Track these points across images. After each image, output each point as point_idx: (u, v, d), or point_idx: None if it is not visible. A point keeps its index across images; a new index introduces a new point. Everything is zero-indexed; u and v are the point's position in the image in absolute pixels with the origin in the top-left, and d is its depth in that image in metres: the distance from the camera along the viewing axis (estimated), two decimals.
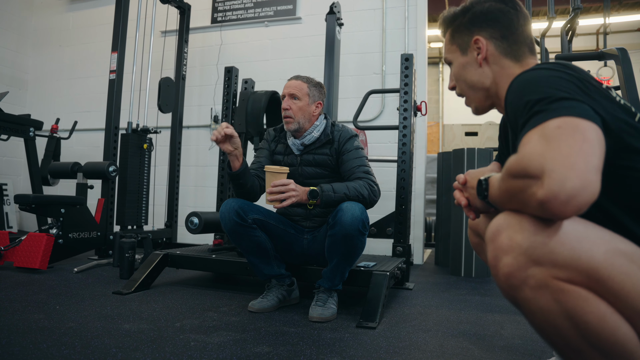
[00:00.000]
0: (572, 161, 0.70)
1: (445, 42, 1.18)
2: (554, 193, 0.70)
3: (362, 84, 4.04)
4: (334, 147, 2.09)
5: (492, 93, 1.10)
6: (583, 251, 0.75)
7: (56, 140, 4.11)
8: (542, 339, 0.83)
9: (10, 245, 2.76)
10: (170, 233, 3.94)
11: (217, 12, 4.63)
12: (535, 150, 0.74)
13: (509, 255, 0.78)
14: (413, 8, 4.03)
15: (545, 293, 0.76)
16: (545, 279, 0.76)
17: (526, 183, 0.75)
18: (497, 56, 1.08)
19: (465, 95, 1.16)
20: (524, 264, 0.77)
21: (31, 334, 1.48)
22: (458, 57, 1.14)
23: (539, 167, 0.72)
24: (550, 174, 0.70)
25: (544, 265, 0.76)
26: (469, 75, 1.12)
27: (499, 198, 0.86)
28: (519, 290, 0.79)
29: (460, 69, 1.14)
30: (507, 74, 1.06)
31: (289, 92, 2.09)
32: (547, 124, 0.76)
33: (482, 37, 1.08)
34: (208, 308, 1.98)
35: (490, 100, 1.12)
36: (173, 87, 3.87)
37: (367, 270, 2.07)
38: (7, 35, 5.21)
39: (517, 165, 0.77)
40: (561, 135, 0.73)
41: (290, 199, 1.80)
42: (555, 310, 0.76)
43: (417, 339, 1.63)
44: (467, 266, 3.22)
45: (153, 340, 1.48)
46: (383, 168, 3.70)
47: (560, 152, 0.71)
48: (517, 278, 0.78)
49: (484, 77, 1.10)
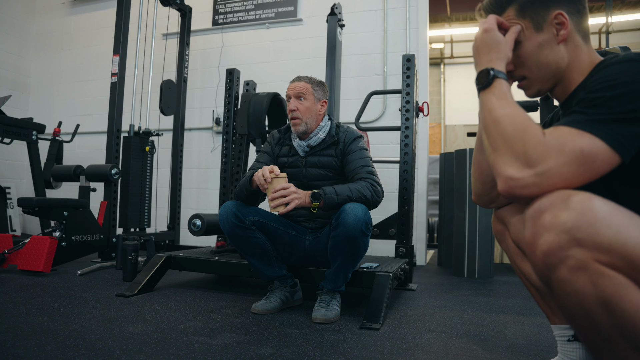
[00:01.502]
0: (563, 185, 0.80)
1: (508, 17, 1.02)
2: (520, 184, 0.83)
3: (363, 85, 4.04)
4: (339, 148, 2.08)
5: (561, 74, 1.00)
6: (630, 237, 0.73)
7: (58, 144, 4.12)
8: (569, 322, 0.80)
9: (14, 248, 2.77)
10: (173, 235, 3.94)
11: (218, 14, 4.64)
12: (552, 149, 0.81)
13: (550, 232, 0.76)
14: (414, 9, 4.03)
15: (583, 275, 0.73)
16: (585, 260, 0.73)
17: (519, 155, 0.84)
18: (573, 34, 0.98)
19: (529, 76, 1.03)
20: (566, 242, 0.74)
21: (35, 336, 1.49)
22: (531, 34, 0.99)
23: (537, 160, 0.81)
24: (536, 177, 0.81)
25: (586, 247, 0.73)
26: (544, 55, 0.99)
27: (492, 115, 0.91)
28: (556, 269, 0.76)
29: (534, 48, 0.99)
30: (580, 54, 0.99)
31: (294, 93, 2.07)
32: (581, 137, 0.81)
33: (564, 11, 0.97)
34: (211, 310, 1.98)
35: (554, 82, 1.02)
36: (175, 89, 3.87)
37: (370, 271, 2.07)
38: (9, 39, 5.23)
39: (529, 146, 0.83)
40: (576, 158, 0.80)
41: (293, 202, 1.79)
42: (591, 294, 0.73)
43: (420, 339, 1.63)
44: (470, 267, 3.21)
45: (157, 342, 1.48)
46: (385, 169, 3.70)
47: (561, 170, 0.80)
48: (556, 257, 0.75)
49: (560, 58, 0.99)
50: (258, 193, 1.97)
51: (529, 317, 2.01)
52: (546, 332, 1.76)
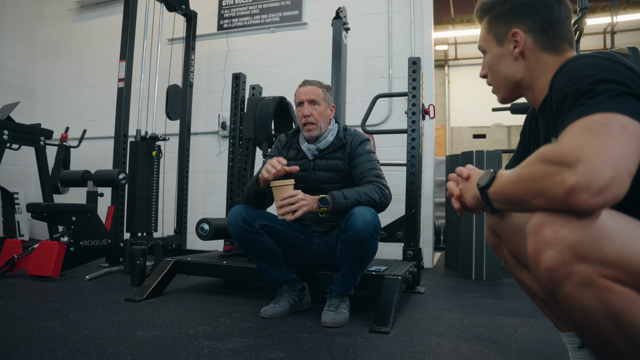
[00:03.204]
0: (610, 160, 0.70)
1: (481, 29, 1.12)
2: (586, 182, 0.69)
3: (369, 88, 4.05)
4: (347, 151, 2.09)
5: (523, 86, 1.06)
6: (636, 250, 0.72)
7: (66, 149, 4.15)
8: (579, 336, 0.80)
9: (23, 254, 2.79)
10: (180, 240, 3.95)
11: (223, 19, 4.66)
12: (577, 141, 0.73)
13: (553, 248, 0.75)
14: (419, 11, 4.04)
15: (589, 291, 0.72)
16: (590, 276, 0.72)
17: (557, 169, 0.73)
18: (534, 50, 1.03)
19: (493, 85, 1.12)
20: (569, 258, 0.73)
21: (47, 341, 1.49)
22: (493, 47, 1.09)
23: (576, 157, 0.72)
24: (586, 165, 0.70)
25: (590, 262, 0.72)
26: (501, 68, 1.08)
27: (510, 187, 0.84)
28: (561, 286, 0.75)
29: (494, 60, 1.09)
30: (545, 68, 1.02)
31: (308, 98, 2.07)
32: (594, 118, 0.75)
33: (521, 30, 1.03)
34: (220, 314, 1.98)
35: (519, 92, 1.09)
36: (181, 94, 3.89)
37: (379, 274, 2.07)
38: (18, 46, 5.28)
39: (554, 151, 0.76)
40: (606, 132, 0.72)
41: (301, 209, 1.79)
42: (599, 309, 0.72)
43: (430, 343, 1.62)
44: (477, 269, 3.20)
45: (167, 347, 1.49)
46: (392, 172, 3.70)
47: (602, 148, 0.71)
48: (560, 273, 0.74)
49: (516, 71, 1.05)
50: (265, 195, 1.98)
51: (538, 320, 2.00)
52: (557, 335, 1.75)
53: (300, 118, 2.08)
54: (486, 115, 5.63)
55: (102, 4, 5.23)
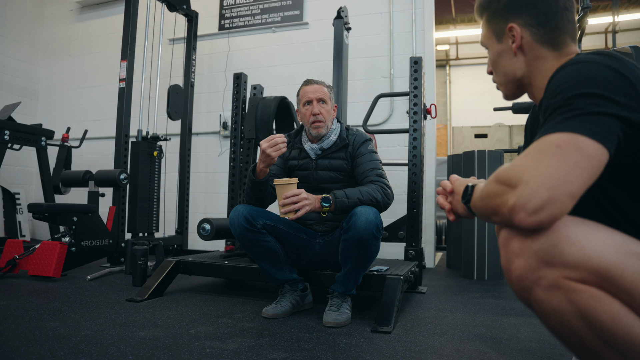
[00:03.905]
0: (550, 182, 0.74)
1: (482, 27, 1.13)
2: (522, 203, 0.75)
3: (370, 87, 4.04)
4: (349, 150, 2.09)
5: (525, 82, 1.06)
6: (593, 251, 0.75)
7: (67, 149, 4.15)
8: (558, 340, 0.83)
9: (24, 254, 2.79)
10: (181, 240, 3.95)
11: (225, 19, 4.66)
12: (525, 163, 0.78)
13: (520, 257, 0.80)
14: (420, 11, 4.03)
15: (558, 293, 0.76)
16: (556, 279, 0.76)
17: (504, 189, 0.79)
18: (532, 45, 1.01)
19: (497, 81, 1.12)
20: (535, 265, 0.78)
21: (48, 342, 1.49)
22: (494, 44, 1.09)
23: (518, 179, 0.76)
24: (524, 187, 0.75)
25: (555, 266, 0.77)
26: (503, 64, 1.07)
27: (478, 203, 0.90)
28: (532, 291, 0.80)
29: (496, 56, 1.09)
30: (543, 64, 1.01)
31: (317, 97, 2.08)
32: (551, 138, 0.78)
33: (517, 24, 1.02)
34: (222, 314, 1.98)
35: (522, 89, 1.08)
36: (182, 94, 3.89)
37: (381, 274, 2.06)
38: (19, 46, 5.28)
39: (505, 172, 0.81)
40: (555, 155, 0.75)
41: (303, 208, 1.79)
42: (569, 310, 0.76)
43: (433, 343, 1.62)
44: (479, 269, 3.19)
45: (169, 347, 1.48)
46: (393, 171, 3.69)
47: (545, 171, 0.75)
48: (529, 279, 0.79)
49: (516, 68, 1.04)
50: (262, 185, 1.97)
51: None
52: None
53: (309, 116, 2.07)
54: (488, 115, 5.62)
55: (103, 4, 5.22)
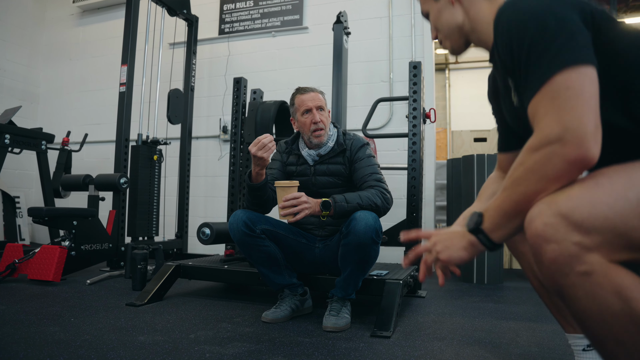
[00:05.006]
0: (586, 117, 0.77)
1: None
2: (577, 143, 0.76)
3: (370, 92, 4.05)
4: (347, 155, 2.09)
5: (467, 30, 1.10)
6: (609, 208, 0.75)
7: (67, 153, 4.15)
8: (581, 325, 0.79)
9: (24, 258, 2.79)
10: (181, 244, 3.95)
11: (225, 23, 4.68)
12: (552, 118, 0.79)
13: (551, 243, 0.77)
14: (419, 15, 4.04)
15: (597, 277, 0.74)
16: (586, 244, 0.74)
17: (549, 150, 0.79)
18: None
19: (441, 38, 1.16)
20: (564, 227, 0.76)
21: (48, 347, 1.49)
22: (432, 5, 1.14)
23: (557, 131, 0.78)
24: (569, 132, 0.77)
25: (585, 233, 0.74)
26: (443, 19, 1.12)
27: (506, 204, 0.86)
28: (567, 276, 0.76)
29: (436, 15, 1.14)
30: (476, 5, 1.06)
31: (316, 105, 2.08)
32: (554, 83, 0.80)
33: None
34: (222, 319, 1.98)
35: (464, 38, 1.12)
36: (182, 98, 3.90)
37: (380, 278, 2.06)
38: (20, 50, 5.29)
39: (537, 138, 0.81)
40: (571, 97, 0.78)
41: (303, 211, 1.79)
42: (606, 283, 0.73)
43: (432, 347, 1.62)
44: (479, 273, 3.19)
45: (168, 352, 1.48)
46: (392, 176, 3.69)
47: (574, 112, 0.77)
48: (565, 264, 0.75)
49: (455, 16, 1.09)
50: (260, 190, 1.96)
51: (540, 324, 2.00)
52: (559, 339, 1.74)
53: (309, 125, 2.06)
54: (487, 119, 5.58)
55: (103, 8, 5.25)
